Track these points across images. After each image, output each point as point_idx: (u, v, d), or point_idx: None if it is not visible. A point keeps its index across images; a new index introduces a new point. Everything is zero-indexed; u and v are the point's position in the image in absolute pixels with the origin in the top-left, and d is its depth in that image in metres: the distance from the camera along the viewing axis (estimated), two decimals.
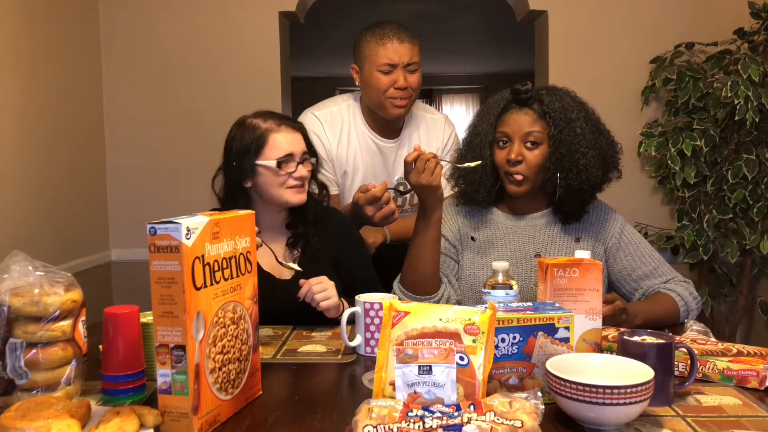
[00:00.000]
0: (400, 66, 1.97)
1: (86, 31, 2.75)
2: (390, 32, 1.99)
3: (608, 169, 1.62)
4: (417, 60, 2.01)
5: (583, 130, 1.57)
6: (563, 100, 1.61)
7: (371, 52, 2.00)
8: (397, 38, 1.98)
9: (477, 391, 0.97)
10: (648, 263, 1.63)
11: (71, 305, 1.06)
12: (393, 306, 1.04)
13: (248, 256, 1.11)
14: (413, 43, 2.01)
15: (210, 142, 2.79)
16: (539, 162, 1.58)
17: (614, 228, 1.66)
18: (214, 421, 1.01)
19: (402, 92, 1.99)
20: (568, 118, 1.57)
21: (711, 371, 1.18)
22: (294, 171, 1.60)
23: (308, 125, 2.07)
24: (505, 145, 1.61)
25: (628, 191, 2.45)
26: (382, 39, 1.99)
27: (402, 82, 1.97)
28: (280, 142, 1.60)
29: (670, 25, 2.76)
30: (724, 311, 2.78)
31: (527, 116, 1.60)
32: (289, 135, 1.62)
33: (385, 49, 1.98)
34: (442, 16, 5.30)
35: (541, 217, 1.67)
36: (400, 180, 2.13)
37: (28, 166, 2.29)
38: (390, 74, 1.98)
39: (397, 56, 1.97)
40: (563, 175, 1.56)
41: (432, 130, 2.14)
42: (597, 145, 1.59)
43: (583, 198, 1.60)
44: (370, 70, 2.00)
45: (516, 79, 1.70)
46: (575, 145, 1.56)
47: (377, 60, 1.98)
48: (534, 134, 1.58)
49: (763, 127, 2.50)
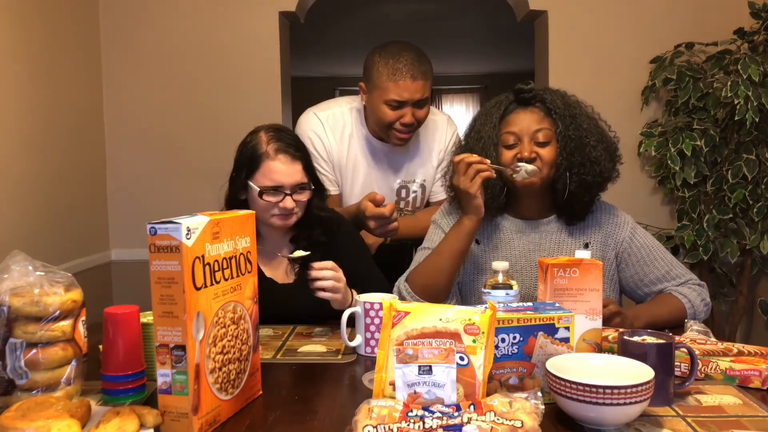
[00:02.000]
0: (409, 103, 1.91)
1: (86, 31, 2.75)
2: (404, 68, 1.88)
3: (614, 162, 1.62)
4: (428, 95, 1.93)
5: (589, 124, 1.58)
6: (564, 98, 1.61)
7: (382, 84, 1.91)
8: (411, 76, 1.88)
9: (477, 391, 0.97)
10: (660, 267, 1.60)
11: (71, 305, 1.06)
12: (393, 306, 1.04)
13: (248, 256, 1.11)
14: (426, 78, 1.91)
15: (210, 141, 2.81)
16: (551, 157, 1.55)
17: (624, 232, 1.62)
18: (214, 421, 1.01)
19: (407, 127, 1.94)
20: (572, 113, 1.57)
21: (713, 371, 1.18)
22: (280, 201, 1.56)
23: (309, 124, 2.07)
24: (514, 146, 1.57)
25: (628, 191, 2.45)
26: (394, 75, 1.89)
27: (409, 119, 1.91)
28: (272, 172, 1.55)
29: (670, 25, 2.76)
30: (724, 311, 2.78)
31: (534, 114, 1.58)
32: (285, 166, 1.56)
33: (396, 86, 1.89)
34: (442, 16, 5.30)
35: (547, 224, 1.64)
36: (401, 183, 2.12)
37: (28, 166, 2.29)
38: (398, 109, 1.91)
39: (408, 94, 1.89)
40: (575, 170, 1.54)
41: (434, 131, 2.13)
42: (603, 138, 1.59)
43: (593, 193, 1.58)
44: (378, 100, 1.93)
45: (516, 79, 1.69)
46: (584, 139, 1.55)
47: (386, 95, 1.90)
48: (543, 131, 1.55)
49: (763, 127, 2.50)
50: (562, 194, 1.57)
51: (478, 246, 1.65)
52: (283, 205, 1.56)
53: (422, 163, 2.12)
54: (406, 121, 1.92)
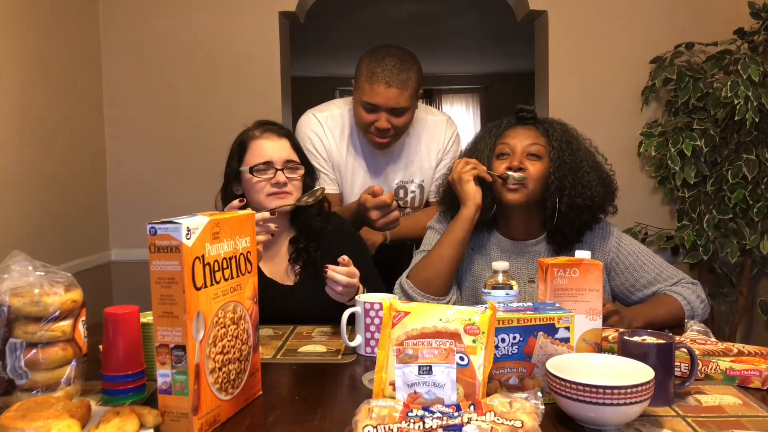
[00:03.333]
0: (382, 108, 1.89)
1: (86, 31, 2.75)
2: (381, 73, 1.87)
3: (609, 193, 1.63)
4: (405, 105, 1.90)
5: (585, 153, 1.63)
6: (563, 125, 1.67)
7: (360, 84, 1.92)
8: (386, 82, 1.86)
9: (477, 391, 0.97)
10: (650, 270, 1.62)
11: (71, 305, 1.06)
12: (393, 306, 1.04)
13: (248, 257, 1.11)
14: (403, 88, 1.88)
15: (210, 141, 2.81)
16: (540, 173, 1.58)
17: (610, 243, 1.64)
18: (214, 421, 1.01)
19: (381, 132, 1.93)
20: (569, 139, 1.62)
21: (714, 371, 1.18)
22: (272, 177, 1.58)
23: (309, 125, 2.08)
24: (506, 156, 1.62)
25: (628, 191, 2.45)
26: (371, 78, 1.88)
27: (383, 124, 1.91)
28: (260, 149, 1.60)
29: (670, 25, 2.76)
30: (724, 311, 2.78)
31: (530, 131, 1.63)
32: (270, 142, 1.61)
33: (371, 89, 1.88)
34: (442, 16, 5.30)
35: (536, 244, 1.66)
36: (399, 184, 2.12)
37: (29, 166, 2.29)
38: (372, 113, 1.91)
39: (381, 99, 1.88)
40: (567, 192, 1.56)
41: (433, 132, 2.13)
42: (598, 168, 1.63)
43: (583, 218, 1.59)
44: (357, 99, 1.95)
45: (516, 79, 1.72)
46: (579, 164, 1.59)
47: (362, 95, 1.91)
48: (536, 147, 1.60)
49: (763, 127, 2.50)
50: (551, 214, 1.59)
51: (472, 251, 1.68)
52: (276, 180, 1.58)
53: (420, 164, 2.12)
54: (380, 126, 1.92)
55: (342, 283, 1.43)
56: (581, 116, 2.25)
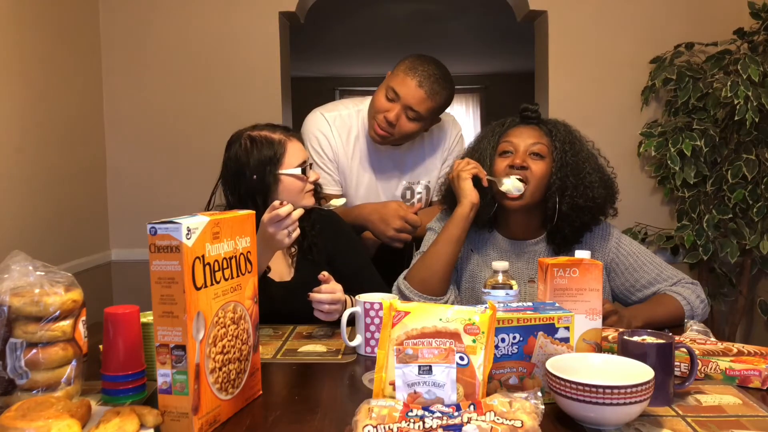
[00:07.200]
0: (402, 102, 1.90)
1: (86, 31, 2.75)
2: (419, 72, 1.89)
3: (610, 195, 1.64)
4: (422, 111, 1.90)
5: (588, 155, 1.63)
6: (567, 127, 1.67)
7: (396, 71, 1.94)
8: (419, 81, 1.88)
9: (477, 391, 0.97)
10: (650, 271, 1.63)
11: (71, 305, 1.06)
12: (393, 306, 1.04)
13: (248, 256, 1.11)
14: (431, 96, 1.90)
15: (210, 142, 2.80)
16: (542, 173, 1.58)
17: (610, 244, 1.65)
18: (214, 421, 1.01)
19: (385, 124, 1.92)
20: (572, 140, 1.62)
21: (713, 371, 1.18)
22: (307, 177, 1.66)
23: (316, 124, 2.07)
24: (508, 155, 1.61)
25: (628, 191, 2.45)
26: (408, 71, 1.91)
27: (391, 117, 1.90)
28: (297, 150, 1.66)
29: (670, 25, 2.76)
30: (724, 311, 2.78)
31: (533, 131, 1.64)
32: (298, 144, 1.69)
33: (402, 79, 1.90)
34: (442, 16, 5.30)
35: (535, 244, 1.67)
36: (406, 186, 2.12)
37: (29, 166, 2.29)
38: (390, 102, 1.91)
39: (405, 91, 1.89)
40: (569, 192, 1.57)
41: (439, 130, 2.13)
42: (600, 170, 1.63)
43: (584, 219, 1.60)
44: (384, 84, 1.95)
45: (516, 79, 1.72)
46: (581, 164, 1.59)
47: (392, 81, 1.92)
48: (538, 146, 1.60)
49: (763, 127, 2.50)
50: (552, 214, 1.59)
51: (472, 252, 1.67)
52: (313, 178, 1.68)
53: (426, 164, 2.12)
54: (388, 117, 1.90)
55: (326, 301, 1.48)
56: (581, 116, 2.25)
